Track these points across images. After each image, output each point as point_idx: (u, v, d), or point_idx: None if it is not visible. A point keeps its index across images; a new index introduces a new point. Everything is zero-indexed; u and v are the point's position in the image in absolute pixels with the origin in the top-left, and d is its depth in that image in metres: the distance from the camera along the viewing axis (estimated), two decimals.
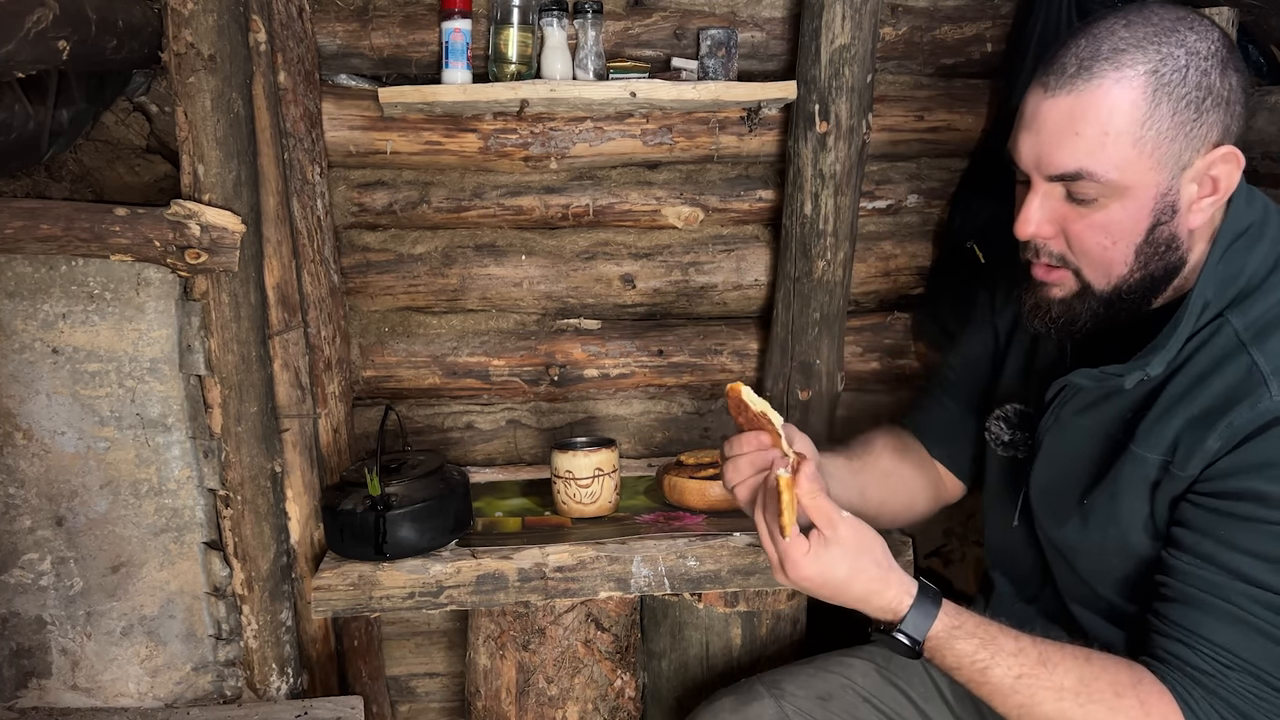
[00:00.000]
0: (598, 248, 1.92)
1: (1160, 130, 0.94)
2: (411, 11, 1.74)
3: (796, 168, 1.78)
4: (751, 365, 1.98)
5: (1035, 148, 1.00)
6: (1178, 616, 0.98)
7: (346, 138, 1.78)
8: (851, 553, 1.01)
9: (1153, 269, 1.01)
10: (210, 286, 1.58)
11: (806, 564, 1.01)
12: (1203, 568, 0.96)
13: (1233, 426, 0.94)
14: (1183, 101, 0.94)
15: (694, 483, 1.66)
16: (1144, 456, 1.02)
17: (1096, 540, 1.08)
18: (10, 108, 1.33)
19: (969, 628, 1.02)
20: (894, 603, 1.03)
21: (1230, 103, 0.96)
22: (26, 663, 1.67)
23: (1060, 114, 0.97)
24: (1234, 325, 0.98)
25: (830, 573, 1.01)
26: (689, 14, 1.80)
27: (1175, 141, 0.95)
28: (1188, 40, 0.94)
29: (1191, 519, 0.99)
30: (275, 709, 1.63)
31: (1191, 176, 0.97)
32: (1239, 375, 0.96)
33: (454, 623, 2.05)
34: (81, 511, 1.63)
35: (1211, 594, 0.96)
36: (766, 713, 1.30)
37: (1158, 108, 0.94)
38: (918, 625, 1.02)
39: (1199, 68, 0.94)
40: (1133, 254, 1.00)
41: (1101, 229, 0.99)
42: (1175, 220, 0.99)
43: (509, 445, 2.00)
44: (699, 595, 1.67)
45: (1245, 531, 0.94)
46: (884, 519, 1.36)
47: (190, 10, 1.47)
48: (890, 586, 1.02)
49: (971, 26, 1.84)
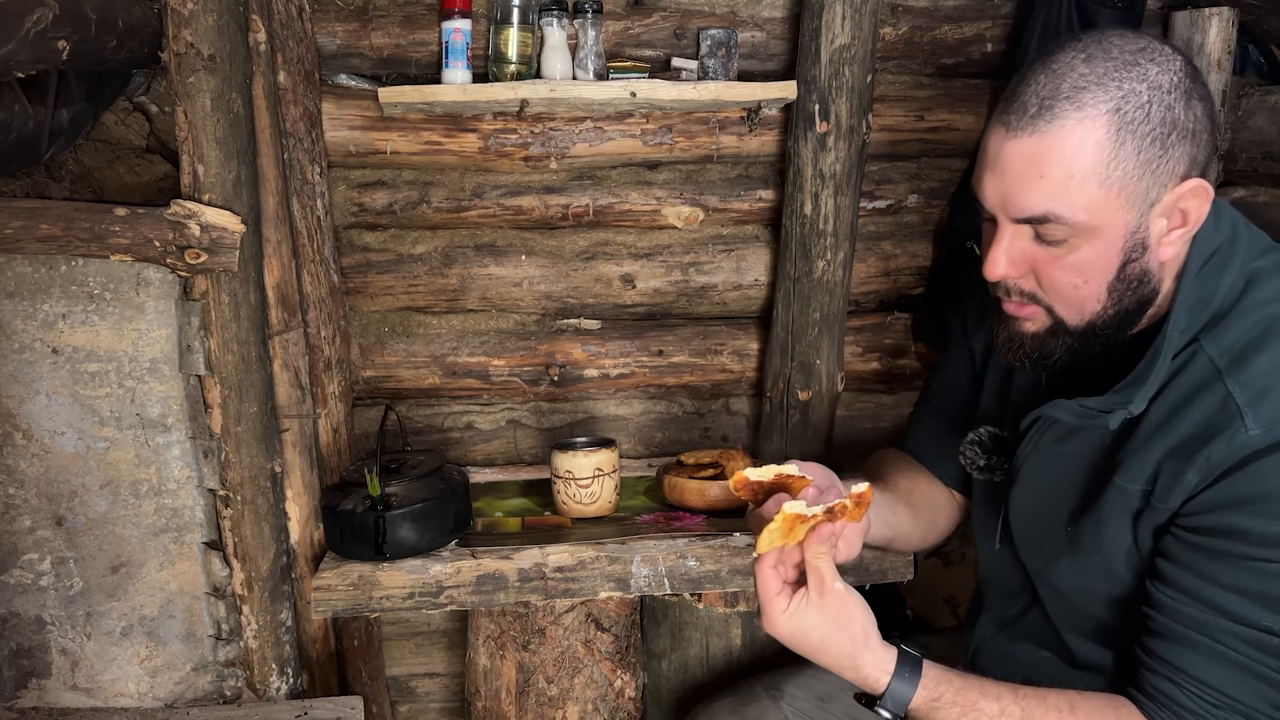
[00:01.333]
0: (598, 248, 1.92)
1: (1126, 170, 0.92)
2: (411, 11, 1.74)
3: (796, 168, 1.78)
4: (751, 365, 1.98)
5: (1000, 189, 0.98)
6: (1164, 653, 0.98)
7: (346, 138, 1.78)
8: (828, 623, 1.01)
9: (1126, 304, 1.00)
10: (210, 286, 1.58)
11: (782, 621, 1.02)
12: (1187, 604, 0.96)
13: (1210, 461, 0.93)
14: (1147, 139, 0.92)
15: (694, 483, 1.66)
16: (1126, 487, 1.01)
17: (1083, 566, 1.08)
18: (10, 108, 1.33)
19: (949, 697, 1.02)
20: (870, 680, 1.03)
21: (1196, 134, 0.93)
22: (26, 663, 1.67)
23: (1024, 156, 0.95)
24: (1208, 352, 0.97)
25: (804, 637, 1.02)
26: (689, 14, 1.80)
27: (1142, 179, 0.93)
28: (1149, 74, 0.92)
29: (1174, 552, 0.98)
30: (275, 709, 1.63)
31: (1160, 212, 0.95)
32: (1215, 406, 0.94)
33: (454, 623, 2.05)
34: (81, 511, 1.63)
35: (1197, 631, 0.95)
36: (765, 714, 1.31)
37: (1122, 147, 0.92)
38: (896, 700, 1.02)
39: (1162, 102, 0.92)
40: (1105, 292, 0.98)
41: (1072, 269, 0.98)
42: (1146, 256, 0.97)
43: (509, 445, 2.00)
44: (699, 595, 1.67)
45: (1227, 567, 0.93)
46: (915, 540, 1.37)
47: (190, 10, 1.47)
48: (864, 666, 1.03)
49: (971, 26, 1.84)
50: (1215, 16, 1.75)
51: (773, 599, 1.02)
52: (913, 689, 1.02)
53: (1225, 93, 1.79)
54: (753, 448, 2.01)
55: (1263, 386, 0.92)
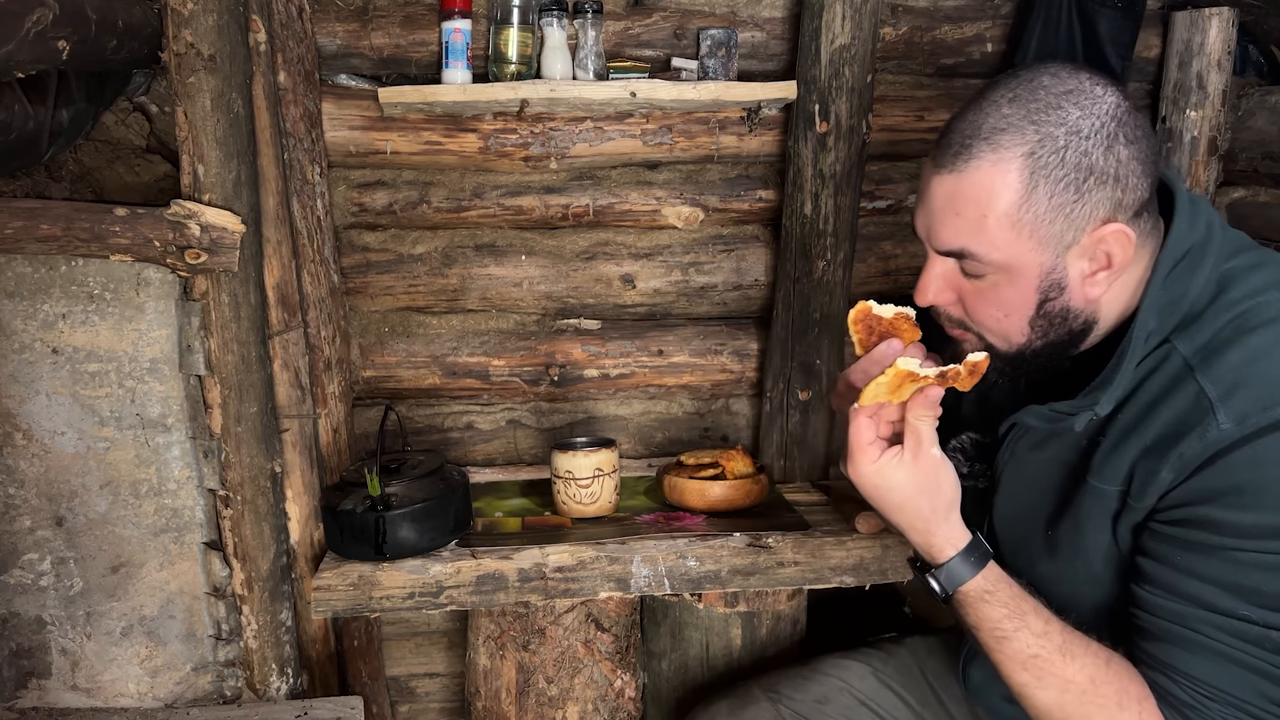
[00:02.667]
0: (598, 248, 1.92)
1: (1038, 213, 0.94)
2: (411, 11, 1.74)
3: (796, 168, 1.78)
4: (751, 365, 1.98)
5: (926, 222, 1.01)
6: (1154, 650, 0.98)
7: (346, 138, 1.78)
8: (916, 485, 1.03)
9: (1054, 337, 1.01)
10: (210, 286, 1.58)
11: (869, 472, 1.04)
12: (1167, 599, 0.96)
13: (1184, 458, 0.93)
14: (1060, 183, 0.93)
15: (694, 483, 1.66)
16: (1102, 489, 1.02)
17: (1066, 572, 1.09)
18: (10, 108, 1.33)
19: (1002, 596, 1.03)
20: (934, 550, 1.05)
21: (1120, 177, 0.94)
22: (26, 663, 1.67)
23: (944, 193, 0.98)
24: (1181, 351, 0.97)
25: (887, 493, 1.04)
26: (689, 14, 1.80)
27: (1054, 223, 0.94)
28: (1069, 118, 0.92)
29: (1152, 548, 0.99)
30: (275, 709, 1.63)
31: (1079, 253, 0.96)
32: (1188, 403, 0.94)
33: (454, 623, 2.05)
34: (81, 511, 1.63)
35: (1181, 625, 0.96)
36: (763, 716, 1.31)
37: (1034, 190, 0.93)
38: (950, 577, 1.04)
39: (1079, 148, 0.92)
40: (1027, 325, 1.01)
41: (993, 303, 1.01)
42: (1065, 295, 0.98)
43: (509, 445, 2.00)
44: (699, 595, 1.67)
45: (1201, 559, 0.94)
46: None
47: (190, 10, 1.47)
48: (935, 535, 1.04)
49: (971, 26, 1.84)
50: (1215, 16, 1.75)
51: (864, 447, 1.03)
52: (973, 573, 1.04)
53: (1225, 93, 1.79)
54: (753, 448, 2.01)
55: (1234, 380, 0.92)
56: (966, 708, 1.32)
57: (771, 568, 1.56)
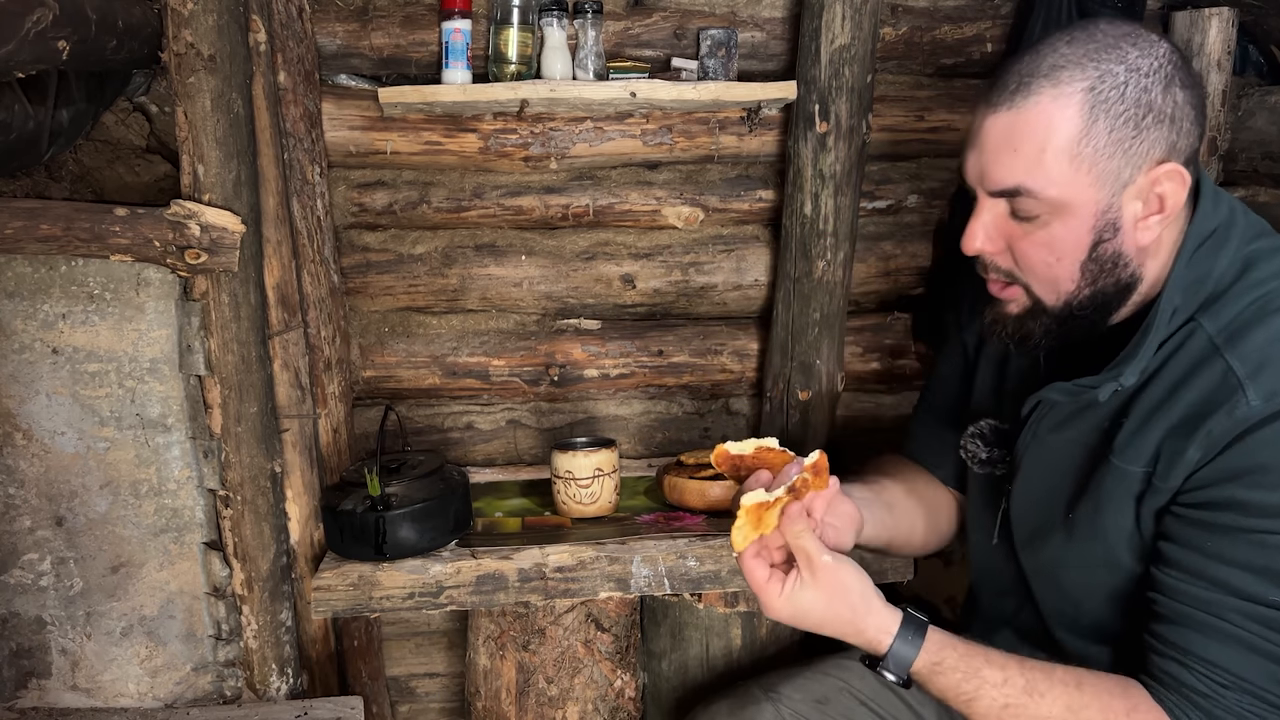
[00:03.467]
0: (598, 248, 1.92)
1: (1097, 147, 0.94)
2: (411, 11, 1.74)
3: (796, 168, 1.78)
4: (751, 365, 1.98)
5: (978, 164, 1.01)
6: (1171, 635, 0.97)
7: (346, 138, 1.78)
8: (825, 597, 1.02)
9: (1102, 286, 1.01)
10: (210, 286, 1.58)
11: (780, 606, 1.03)
12: (1192, 583, 0.95)
13: (1211, 435, 0.93)
14: (1120, 118, 0.93)
15: (694, 483, 1.66)
16: (1125, 469, 1.01)
17: (1082, 555, 1.08)
18: (10, 108, 1.33)
19: (951, 661, 1.02)
20: (873, 644, 1.04)
21: (1175, 119, 0.95)
22: (26, 663, 1.67)
23: (1000, 131, 0.98)
24: (1206, 330, 0.97)
25: (805, 616, 1.03)
26: (689, 14, 1.80)
27: (1113, 159, 0.94)
28: (1128, 57, 0.94)
29: (1176, 532, 0.98)
30: (275, 709, 1.63)
31: (1134, 194, 0.96)
32: (1215, 381, 0.94)
33: (454, 623, 2.05)
34: (81, 511, 1.63)
35: (1204, 611, 0.94)
36: (763, 716, 1.30)
37: (1094, 124, 0.94)
38: (898, 663, 1.03)
39: (1139, 84, 0.93)
40: (1078, 271, 1.00)
41: (1045, 246, 1.00)
42: (1119, 238, 0.98)
43: (509, 445, 2.00)
44: (699, 595, 1.67)
45: (1229, 542, 0.93)
46: (916, 541, 1.37)
47: (190, 10, 1.47)
48: (867, 630, 1.03)
49: (971, 26, 1.84)
50: (1215, 16, 1.75)
51: (764, 586, 1.04)
52: (915, 651, 1.02)
53: (1225, 93, 1.79)
54: None
55: (1261, 359, 0.93)
56: None
57: None
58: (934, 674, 1.03)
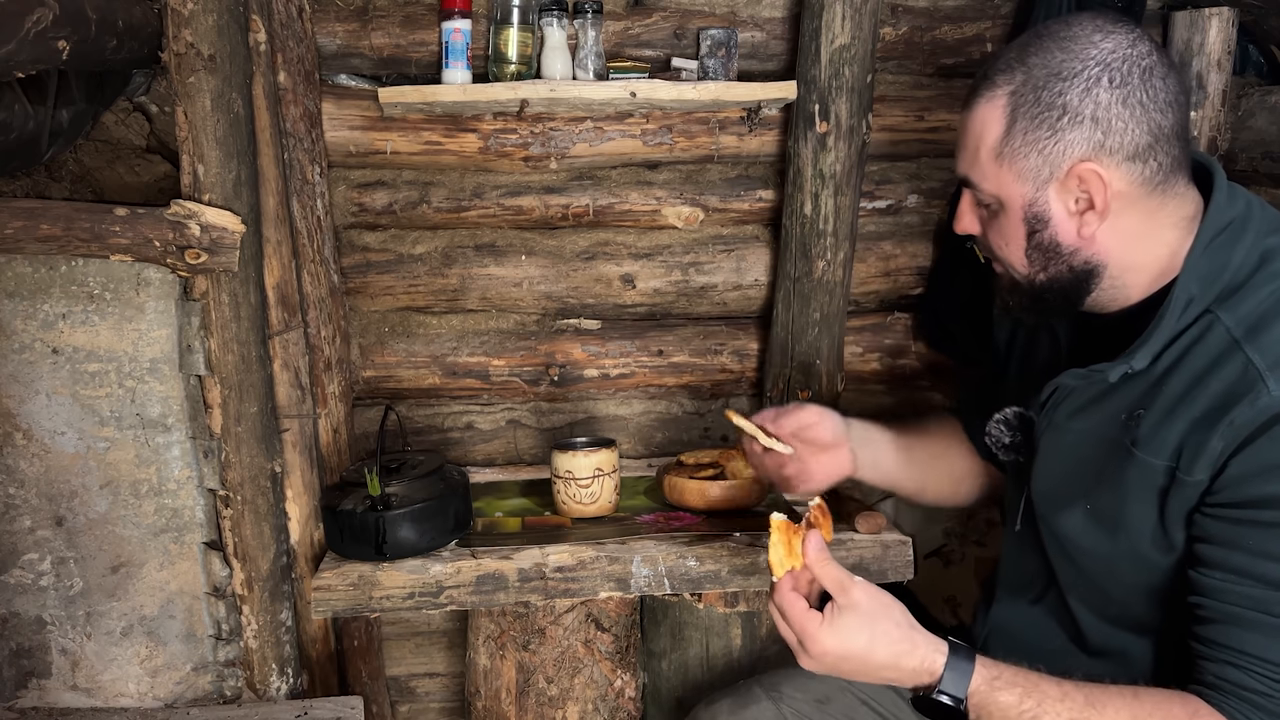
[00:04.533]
0: (598, 248, 1.92)
1: (1014, 148, 1.02)
2: (411, 11, 1.74)
3: (796, 168, 1.78)
4: (751, 365, 1.98)
5: (956, 153, 1.11)
6: (1221, 637, 0.95)
7: (346, 138, 1.78)
8: (868, 617, 1.01)
9: (1054, 272, 1.06)
10: (210, 286, 1.58)
11: (824, 636, 1.00)
12: (1238, 583, 0.94)
13: (1234, 425, 0.93)
14: (1034, 120, 1.00)
15: (694, 483, 1.66)
16: (1150, 462, 1.01)
17: (1105, 546, 1.07)
18: (10, 108, 1.33)
19: (1008, 677, 1.00)
20: (926, 662, 1.01)
21: (1099, 119, 0.97)
22: (26, 663, 1.67)
23: (960, 127, 1.09)
24: (1225, 323, 0.98)
25: (850, 642, 1.00)
26: (689, 14, 1.80)
27: (1029, 158, 1.01)
28: (1052, 61, 0.99)
29: (1214, 533, 0.97)
30: (275, 709, 1.63)
31: (1058, 190, 1.02)
32: (1236, 373, 0.95)
33: (454, 623, 2.05)
34: (81, 511, 1.63)
35: (1253, 609, 0.93)
36: (764, 715, 1.30)
37: (1014, 124, 1.01)
38: (957, 683, 0.99)
39: (1054, 89, 0.98)
40: (1024, 256, 1.07)
41: (997, 233, 1.09)
42: (1051, 229, 1.03)
43: (509, 445, 2.00)
44: (699, 595, 1.67)
45: (1273, 537, 0.92)
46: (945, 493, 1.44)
47: (190, 10, 1.47)
48: (918, 646, 1.01)
49: (971, 26, 1.84)
50: (1215, 16, 1.75)
51: (805, 615, 1.02)
52: (971, 667, 1.00)
53: (1225, 93, 1.79)
54: None
55: None
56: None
57: None
58: (993, 691, 0.99)
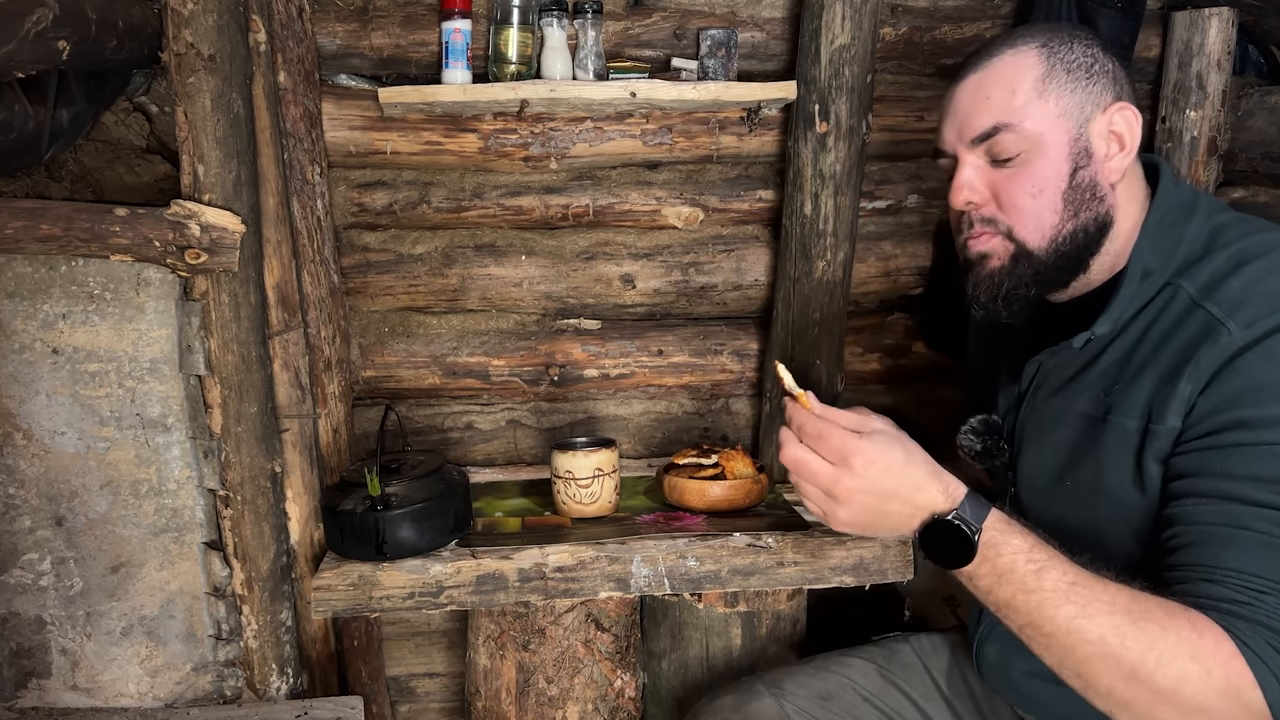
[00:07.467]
0: (598, 248, 1.92)
1: (1059, 84, 1.05)
2: (411, 11, 1.74)
3: (796, 168, 1.78)
4: (751, 365, 1.98)
5: (955, 125, 1.10)
6: (1195, 558, 0.95)
7: (346, 138, 1.78)
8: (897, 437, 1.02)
9: (1083, 220, 1.07)
10: (210, 286, 1.58)
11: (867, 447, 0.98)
12: (1208, 504, 0.95)
13: (1199, 366, 0.97)
14: (1073, 64, 1.05)
15: (694, 483, 1.66)
16: (1123, 424, 1.04)
17: (1088, 517, 1.09)
18: (10, 108, 1.33)
19: (1022, 526, 0.99)
20: (951, 486, 1.00)
21: (1116, 79, 1.07)
22: (26, 663, 1.66)
23: (970, 90, 1.09)
24: (1187, 290, 1.03)
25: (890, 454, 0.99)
26: (689, 14, 1.80)
27: (1074, 94, 1.05)
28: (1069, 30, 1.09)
29: (1186, 467, 0.98)
30: (275, 709, 1.63)
31: (1097, 130, 1.06)
32: (1198, 326, 0.99)
33: (454, 623, 2.05)
34: (81, 511, 1.63)
35: (1225, 524, 0.93)
36: (767, 711, 1.31)
37: (1053, 68, 1.05)
38: (976, 512, 0.98)
39: (1083, 43, 1.07)
40: (1061, 201, 1.06)
41: (1028, 180, 1.07)
42: (1093, 166, 1.06)
43: (509, 445, 2.00)
44: (699, 595, 1.67)
45: (1239, 458, 0.94)
46: None
47: (190, 10, 1.47)
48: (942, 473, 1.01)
49: (971, 26, 1.84)
50: (1215, 16, 1.75)
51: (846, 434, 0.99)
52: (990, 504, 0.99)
53: (1225, 93, 1.79)
54: (753, 448, 2.01)
55: (1239, 300, 0.98)
56: (972, 704, 1.32)
57: (771, 568, 1.56)
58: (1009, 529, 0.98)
